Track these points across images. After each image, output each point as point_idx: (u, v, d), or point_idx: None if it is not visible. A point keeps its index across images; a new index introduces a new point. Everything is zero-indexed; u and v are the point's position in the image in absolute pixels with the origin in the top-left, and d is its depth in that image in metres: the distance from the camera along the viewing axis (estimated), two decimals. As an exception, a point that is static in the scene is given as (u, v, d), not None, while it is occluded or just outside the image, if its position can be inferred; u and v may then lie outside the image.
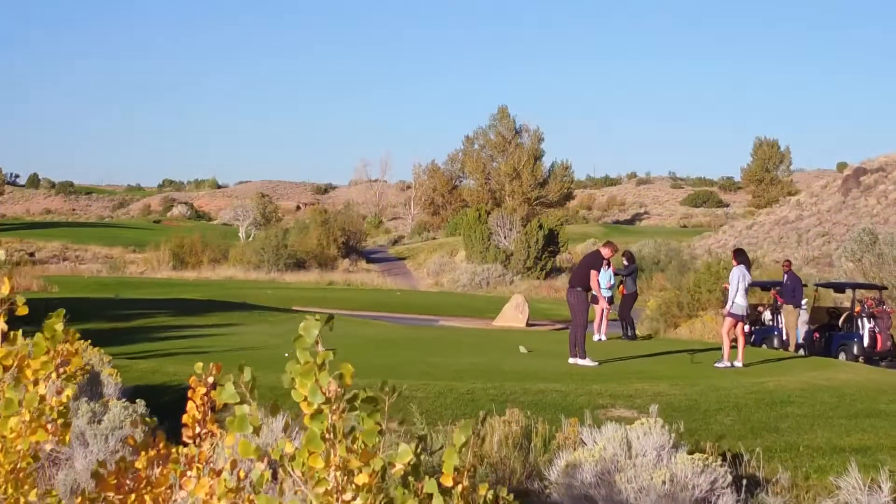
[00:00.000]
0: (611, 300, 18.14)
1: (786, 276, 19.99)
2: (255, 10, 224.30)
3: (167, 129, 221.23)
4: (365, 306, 32.51)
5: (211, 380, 2.86)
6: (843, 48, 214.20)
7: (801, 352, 19.43)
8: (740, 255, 13.93)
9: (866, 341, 18.87)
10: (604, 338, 17.76)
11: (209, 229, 78.44)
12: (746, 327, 15.98)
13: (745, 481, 7.18)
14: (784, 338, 20.27)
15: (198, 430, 2.79)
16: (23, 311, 2.49)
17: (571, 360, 13.29)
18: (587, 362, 13.17)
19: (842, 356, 18.88)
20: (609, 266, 16.48)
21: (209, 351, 13.63)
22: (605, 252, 14.05)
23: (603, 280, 15.71)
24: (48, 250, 74.75)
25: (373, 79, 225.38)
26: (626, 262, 19.51)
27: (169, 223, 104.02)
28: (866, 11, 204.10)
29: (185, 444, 2.76)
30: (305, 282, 49.32)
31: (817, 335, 19.97)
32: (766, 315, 20.91)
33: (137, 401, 9.27)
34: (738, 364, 13.50)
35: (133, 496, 2.69)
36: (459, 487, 2.28)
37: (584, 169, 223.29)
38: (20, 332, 2.51)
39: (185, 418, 2.81)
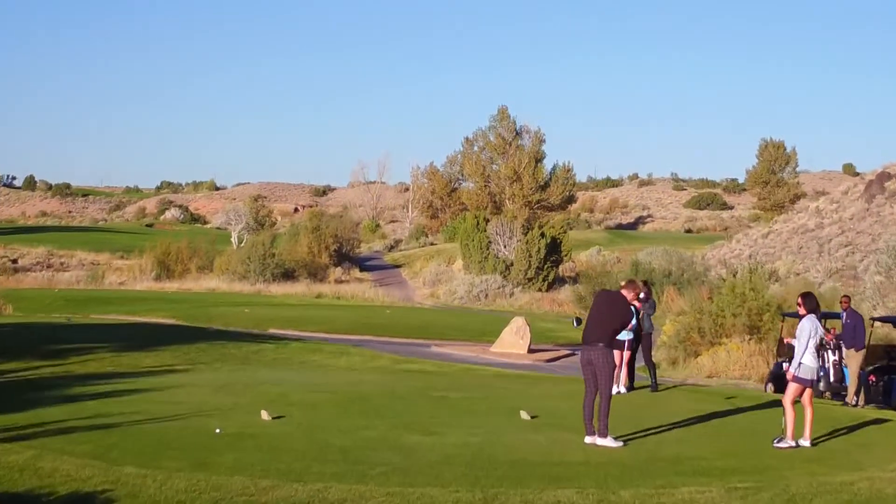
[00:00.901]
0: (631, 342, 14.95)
1: (844, 313, 16.63)
2: (255, 11, 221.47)
3: (166, 131, 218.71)
4: (349, 328, 29.47)
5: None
6: (845, 47, 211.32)
7: (855, 400, 16.38)
8: (810, 301, 10.42)
9: (935, 388, 15.74)
10: (623, 390, 14.62)
11: (202, 233, 75.51)
12: (785, 365, 12.94)
13: None
14: (831, 380, 17.26)
15: None
16: None
17: (588, 440, 10.23)
18: (608, 442, 10.12)
19: (905, 406, 15.81)
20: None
21: (119, 424, 10.54)
22: (628, 295, 11.16)
23: None
24: (32, 257, 72.06)
25: (372, 79, 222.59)
26: (642, 296, 15.37)
27: (161, 227, 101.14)
28: (867, 11, 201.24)
29: None
30: (292, 294, 46.33)
31: (874, 378, 16.83)
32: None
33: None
34: (805, 443, 10.39)
35: None
36: None
37: (585, 170, 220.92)
38: None
39: None
